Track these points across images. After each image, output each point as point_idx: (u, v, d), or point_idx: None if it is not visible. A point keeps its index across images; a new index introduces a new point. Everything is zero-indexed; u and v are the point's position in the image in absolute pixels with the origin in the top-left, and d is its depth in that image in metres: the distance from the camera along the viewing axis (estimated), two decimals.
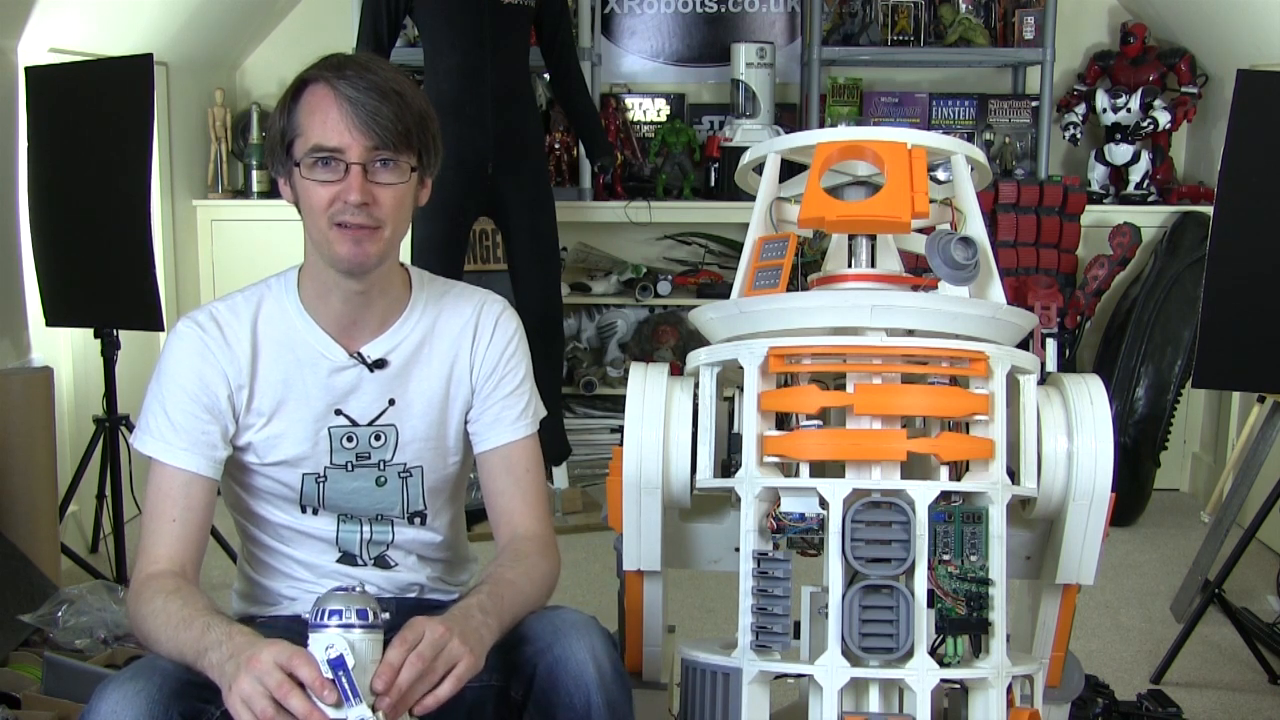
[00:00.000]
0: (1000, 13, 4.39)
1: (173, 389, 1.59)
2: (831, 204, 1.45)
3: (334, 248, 1.53)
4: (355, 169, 1.50)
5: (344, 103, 1.50)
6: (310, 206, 1.54)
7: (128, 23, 3.68)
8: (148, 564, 1.54)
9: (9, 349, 3.17)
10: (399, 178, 1.54)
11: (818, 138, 1.52)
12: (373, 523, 1.69)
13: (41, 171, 3.17)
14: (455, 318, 1.69)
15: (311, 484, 1.65)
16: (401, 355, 1.65)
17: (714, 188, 4.47)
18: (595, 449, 4.30)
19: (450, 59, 3.56)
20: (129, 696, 1.34)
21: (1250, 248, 2.69)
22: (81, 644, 2.50)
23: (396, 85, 1.53)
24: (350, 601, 1.31)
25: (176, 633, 1.42)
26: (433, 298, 1.69)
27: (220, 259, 4.33)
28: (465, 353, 1.69)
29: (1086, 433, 1.50)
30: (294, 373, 1.62)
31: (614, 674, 1.47)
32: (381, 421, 1.65)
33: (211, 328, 1.60)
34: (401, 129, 1.51)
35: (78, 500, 3.33)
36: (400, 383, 1.65)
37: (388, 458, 1.66)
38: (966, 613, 1.36)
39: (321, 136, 1.50)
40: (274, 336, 1.62)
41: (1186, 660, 2.79)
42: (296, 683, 1.27)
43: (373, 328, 1.64)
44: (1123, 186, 4.37)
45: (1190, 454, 4.28)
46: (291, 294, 1.64)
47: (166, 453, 1.57)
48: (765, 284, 1.48)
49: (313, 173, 1.52)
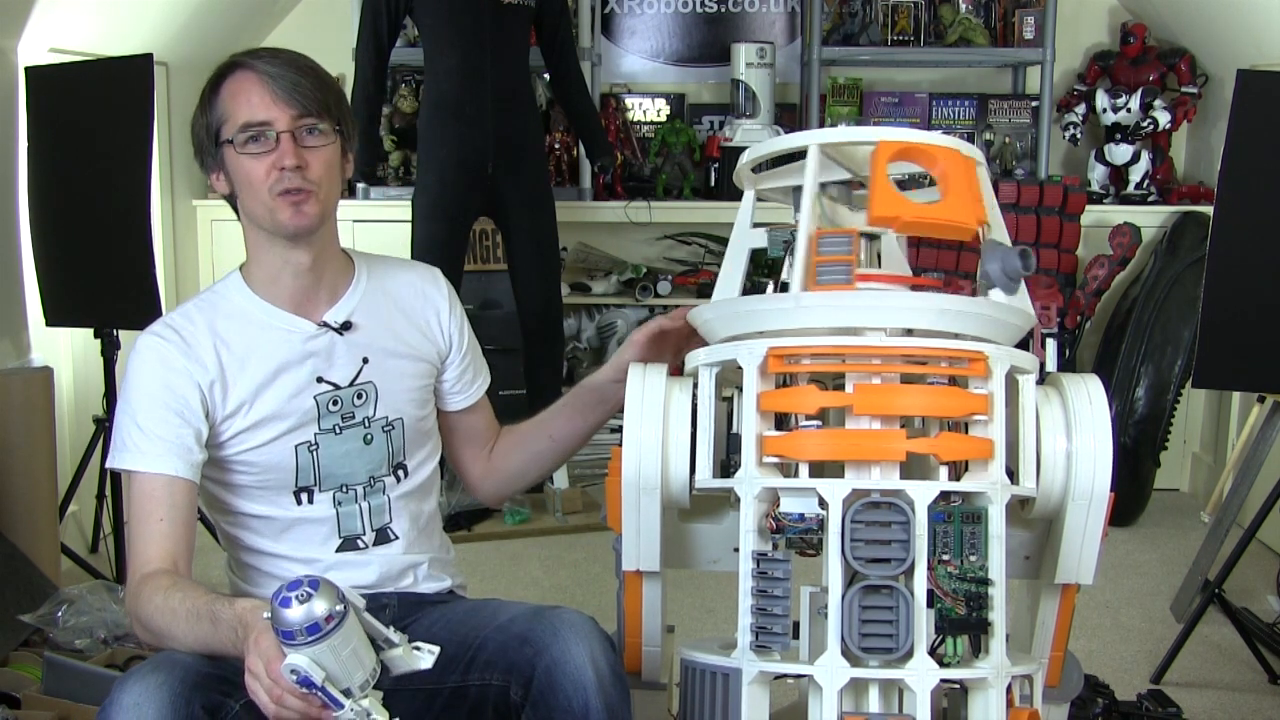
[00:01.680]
0: (1000, 13, 4.39)
1: (141, 400, 1.61)
2: (907, 204, 1.43)
3: (277, 215, 1.61)
4: (285, 137, 1.59)
5: (265, 79, 1.60)
6: (249, 182, 1.62)
7: (128, 23, 3.68)
8: (141, 565, 1.55)
9: (9, 349, 3.17)
10: (325, 141, 1.63)
11: (875, 135, 1.48)
12: (368, 491, 1.72)
13: (41, 171, 3.17)
14: (404, 279, 1.81)
15: (305, 455, 1.67)
16: (363, 315, 1.73)
17: (714, 188, 4.47)
18: (595, 449, 4.29)
19: (450, 59, 3.56)
20: (151, 689, 1.35)
21: (1250, 248, 2.69)
22: (81, 644, 2.50)
23: (309, 63, 1.65)
24: (296, 617, 1.24)
25: (191, 626, 1.43)
26: (374, 265, 1.80)
27: (220, 259, 4.33)
28: (428, 313, 1.81)
29: (1086, 433, 1.50)
30: (267, 355, 1.66)
31: (612, 676, 1.48)
32: (360, 380, 1.71)
33: (171, 335, 1.64)
34: (322, 98, 1.62)
35: (78, 500, 3.33)
36: (369, 340, 1.72)
37: (370, 414, 1.72)
38: (966, 613, 1.36)
39: (249, 114, 1.59)
40: (236, 329, 1.67)
41: (1186, 660, 2.79)
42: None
43: (327, 298, 1.72)
44: (1123, 186, 4.37)
45: (1190, 454, 4.28)
46: (242, 289, 1.70)
47: (143, 462, 1.59)
48: (833, 279, 1.44)
49: (245, 149, 1.60)
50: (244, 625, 1.35)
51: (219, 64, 1.65)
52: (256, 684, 1.29)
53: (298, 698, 1.26)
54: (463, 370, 1.85)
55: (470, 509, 3.77)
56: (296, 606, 1.25)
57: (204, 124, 1.64)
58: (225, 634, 1.38)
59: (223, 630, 1.39)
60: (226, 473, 1.67)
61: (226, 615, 1.38)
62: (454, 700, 1.54)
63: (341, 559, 1.69)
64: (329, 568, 1.67)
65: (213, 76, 1.64)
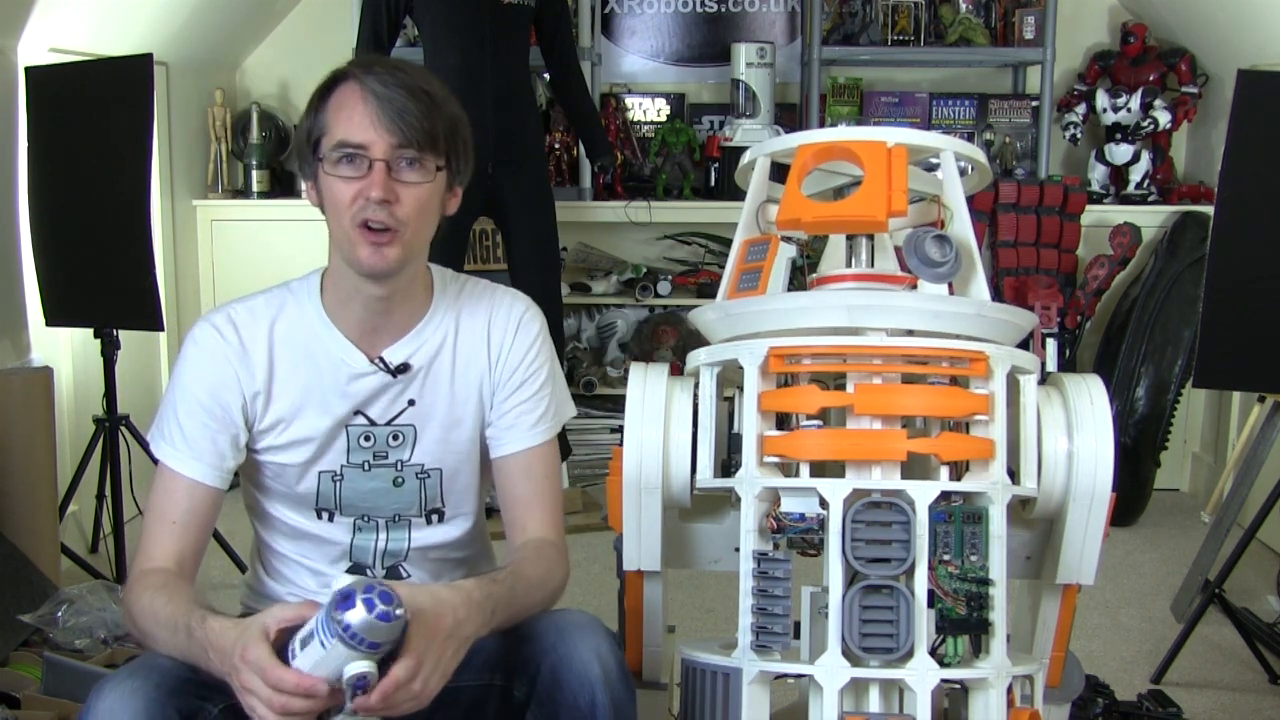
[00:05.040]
0: (1000, 12, 4.39)
1: (186, 398, 1.59)
2: (807, 205, 1.45)
3: (355, 249, 1.52)
4: (379, 165, 1.49)
5: (371, 99, 1.49)
6: (334, 204, 1.52)
7: (128, 23, 3.68)
8: (144, 560, 1.55)
9: (9, 349, 3.17)
10: (424, 178, 1.53)
11: (800, 140, 1.52)
12: (390, 527, 1.67)
13: (41, 171, 3.16)
14: (476, 318, 1.68)
15: (328, 483, 1.64)
16: (423, 358, 1.64)
17: (714, 188, 4.47)
18: (595, 449, 4.30)
19: (450, 59, 3.56)
20: (126, 695, 1.34)
21: (1250, 248, 2.69)
22: (81, 644, 2.50)
23: (427, 86, 1.53)
24: (375, 633, 1.24)
25: (169, 634, 1.42)
26: (454, 299, 1.68)
27: (220, 259, 4.33)
28: (487, 354, 1.67)
29: (1087, 433, 1.50)
30: (313, 379, 1.61)
31: (619, 673, 1.47)
32: (400, 421, 1.64)
33: (229, 332, 1.60)
34: (428, 128, 1.50)
35: (78, 500, 3.32)
36: (421, 384, 1.64)
37: (405, 458, 1.65)
38: (966, 613, 1.36)
39: (346, 132, 1.49)
40: (293, 342, 1.61)
41: (1186, 660, 2.79)
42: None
43: (394, 332, 1.63)
44: (1123, 186, 4.37)
45: (1190, 454, 4.28)
46: (314, 298, 1.62)
47: (175, 459, 1.58)
48: (747, 286, 1.48)
49: (336, 169, 1.51)
50: (217, 650, 1.33)
51: (335, 68, 1.55)
52: (254, 699, 1.27)
53: (305, 696, 1.25)
54: (502, 414, 1.67)
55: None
56: (376, 618, 1.23)
57: (305, 129, 1.54)
58: (197, 651, 1.37)
59: (194, 647, 1.38)
60: (256, 472, 1.66)
61: (199, 634, 1.37)
62: (450, 698, 1.52)
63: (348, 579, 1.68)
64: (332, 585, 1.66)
65: (325, 81, 1.55)
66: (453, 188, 1.61)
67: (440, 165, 1.55)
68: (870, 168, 1.43)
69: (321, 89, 1.54)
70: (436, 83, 1.56)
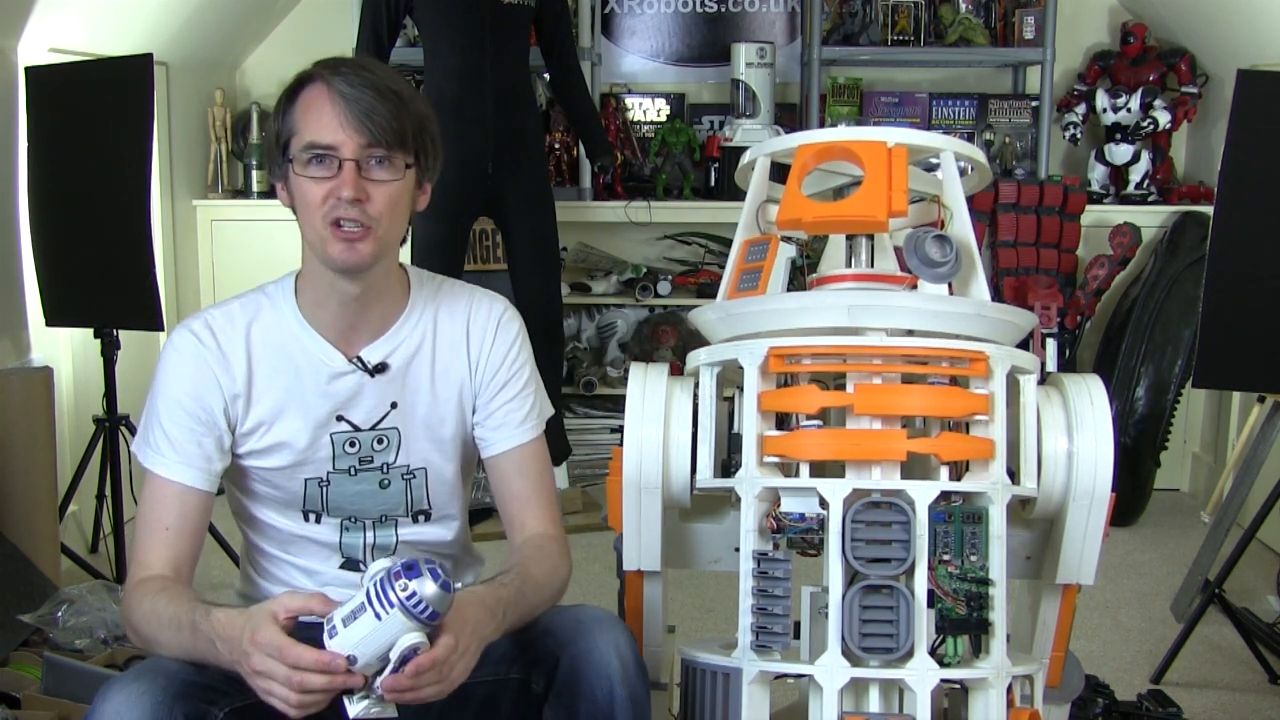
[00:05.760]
0: (1000, 13, 4.39)
1: (169, 404, 1.59)
2: (808, 205, 1.46)
3: (327, 248, 1.53)
4: (349, 165, 1.50)
5: (339, 100, 1.50)
6: (305, 204, 1.53)
7: (127, 23, 3.68)
8: (139, 569, 1.55)
9: (9, 349, 3.17)
10: (393, 175, 1.53)
11: (800, 140, 1.53)
12: (377, 526, 1.68)
13: (41, 171, 3.16)
14: (455, 318, 1.69)
15: (314, 488, 1.64)
16: (401, 357, 1.64)
17: (714, 188, 4.47)
18: (595, 449, 4.30)
19: (450, 59, 3.56)
20: (133, 698, 1.34)
21: (1250, 248, 2.69)
22: (81, 644, 2.50)
23: (394, 85, 1.53)
24: (441, 603, 1.28)
25: (174, 634, 1.43)
26: (431, 298, 1.68)
27: (220, 259, 4.33)
28: (467, 355, 1.68)
29: (1087, 433, 1.50)
30: (293, 380, 1.61)
31: (636, 668, 1.49)
32: (384, 425, 1.64)
33: (207, 337, 1.60)
34: (397, 127, 1.51)
35: (78, 500, 3.33)
36: (401, 385, 1.64)
37: (391, 460, 1.66)
38: (966, 613, 1.36)
39: (315, 133, 1.50)
40: (271, 344, 1.61)
41: (1186, 660, 2.79)
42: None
43: (371, 331, 1.63)
44: (1123, 186, 4.37)
45: (1190, 454, 4.28)
46: (289, 300, 1.63)
47: (162, 465, 1.58)
48: (747, 286, 1.49)
49: (306, 169, 1.51)
50: (225, 640, 1.34)
51: (300, 70, 1.55)
52: (268, 681, 1.28)
53: (322, 671, 1.26)
54: (489, 414, 1.69)
55: (471, 508, 3.76)
56: (439, 586, 1.27)
57: (274, 132, 1.55)
58: (203, 645, 1.38)
59: (200, 641, 1.38)
60: (241, 477, 1.66)
61: (204, 628, 1.38)
62: (466, 693, 1.51)
63: (343, 575, 1.68)
64: (327, 582, 1.66)
65: (292, 83, 1.55)
66: (422, 184, 1.61)
67: (409, 163, 1.55)
68: (870, 168, 1.44)
69: (289, 91, 1.55)
70: (403, 81, 1.56)
